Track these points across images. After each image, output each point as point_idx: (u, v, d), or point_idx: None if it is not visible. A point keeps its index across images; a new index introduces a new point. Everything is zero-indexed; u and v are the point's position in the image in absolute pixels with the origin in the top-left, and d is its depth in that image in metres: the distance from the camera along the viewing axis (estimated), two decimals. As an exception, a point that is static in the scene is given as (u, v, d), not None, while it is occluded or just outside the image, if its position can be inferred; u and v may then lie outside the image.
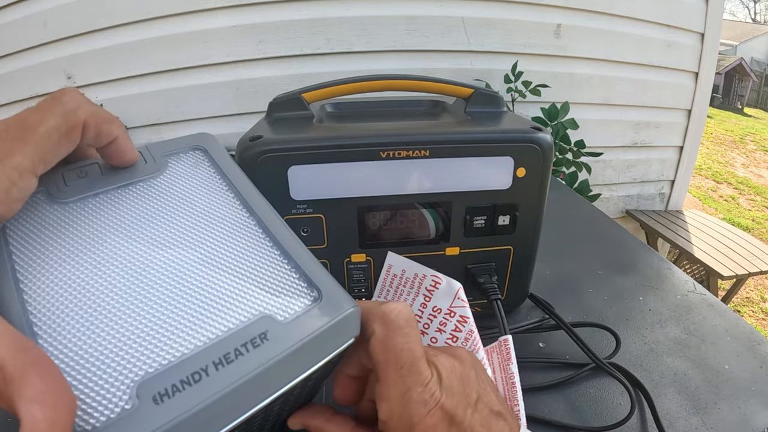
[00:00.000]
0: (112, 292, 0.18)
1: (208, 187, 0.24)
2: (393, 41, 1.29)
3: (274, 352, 0.17)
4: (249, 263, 0.21)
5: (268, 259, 0.21)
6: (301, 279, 0.21)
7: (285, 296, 0.20)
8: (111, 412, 0.14)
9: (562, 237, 0.60)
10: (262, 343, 0.17)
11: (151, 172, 0.23)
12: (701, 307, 0.47)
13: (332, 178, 0.35)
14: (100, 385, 0.15)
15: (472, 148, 0.35)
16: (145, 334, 0.17)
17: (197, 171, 0.24)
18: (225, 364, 0.16)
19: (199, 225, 0.22)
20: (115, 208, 0.21)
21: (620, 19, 1.44)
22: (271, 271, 0.21)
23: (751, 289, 2.71)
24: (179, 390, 0.15)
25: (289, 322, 0.18)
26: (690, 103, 1.63)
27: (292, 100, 0.40)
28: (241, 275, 0.20)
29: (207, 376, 0.16)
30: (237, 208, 0.23)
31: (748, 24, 15.18)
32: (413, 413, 0.21)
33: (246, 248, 0.21)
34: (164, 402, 0.15)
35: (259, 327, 0.18)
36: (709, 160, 5.24)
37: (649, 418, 0.34)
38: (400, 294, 0.36)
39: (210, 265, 0.20)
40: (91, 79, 1.26)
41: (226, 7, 1.19)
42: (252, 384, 0.16)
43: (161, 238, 0.20)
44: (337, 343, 0.20)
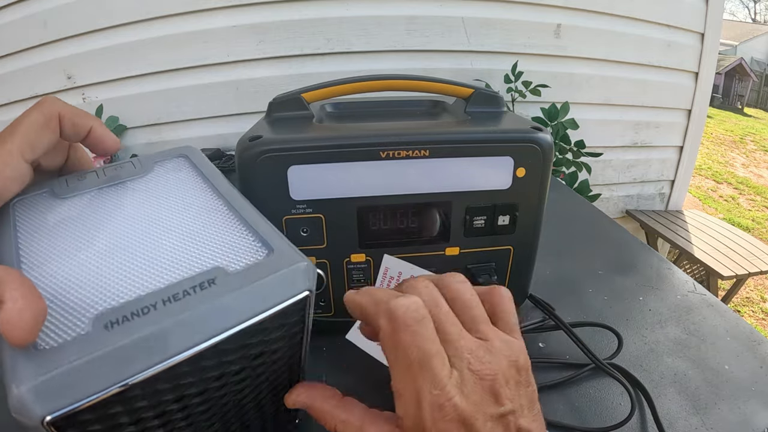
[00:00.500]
0: (90, 253, 0.21)
1: (185, 181, 0.27)
2: (393, 41, 1.29)
3: (219, 292, 0.19)
4: (210, 230, 0.23)
5: (229, 227, 0.24)
6: (256, 240, 0.23)
7: (237, 252, 0.22)
8: (68, 335, 0.17)
9: (562, 237, 0.60)
10: (210, 287, 0.19)
11: (138, 174, 0.27)
12: (701, 307, 0.47)
13: (332, 178, 0.35)
14: (63, 315, 0.18)
15: (472, 148, 0.35)
16: (110, 282, 0.19)
17: (178, 171, 0.28)
18: (172, 301, 0.18)
19: (171, 205, 0.25)
20: (104, 198, 0.25)
21: (620, 19, 1.44)
22: (229, 235, 0.23)
23: (751, 289, 2.72)
24: (128, 320, 0.17)
25: (238, 272, 0.20)
26: (690, 103, 1.63)
27: (292, 100, 0.40)
28: (201, 239, 0.22)
29: (155, 309, 0.18)
30: (208, 193, 0.26)
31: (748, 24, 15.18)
32: (425, 415, 0.20)
33: (210, 220, 0.24)
34: (114, 328, 0.17)
35: (209, 275, 0.20)
36: (709, 160, 5.24)
37: (649, 419, 0.34)
38: None
39: (175, 233, 0.23)
40: (91, 79, 1.26)
41: (226, 7, 1.19)
42: (196, 318, 0.18)
43: (138, 215, 0.24)
44: (285, 294, 0.20)
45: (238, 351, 0.21)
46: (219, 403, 0.23)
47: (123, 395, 0.17)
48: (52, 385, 0.16)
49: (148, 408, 0.19)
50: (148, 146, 1.32)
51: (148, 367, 0.17)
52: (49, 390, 0.16)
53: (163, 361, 0.17)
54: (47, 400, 0.16)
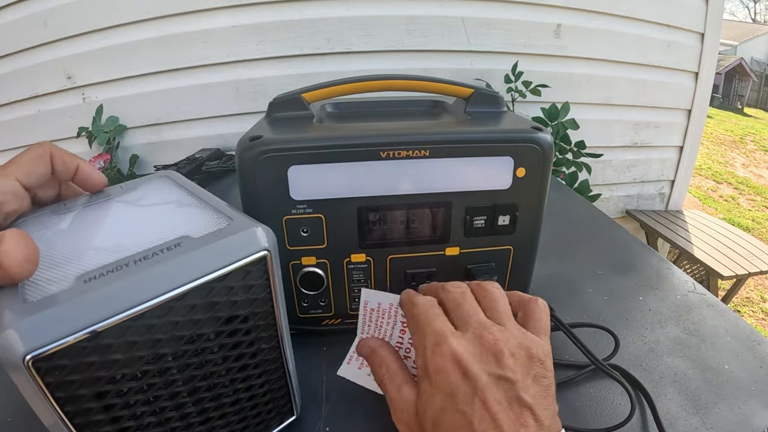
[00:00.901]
0: (78, 237, 0.25)
1: (163, 190, 0.31)
2: (393, 41, 1.29)
3: (183, 251, 0.22)
4: (181, 214, 0.27)
5: (198, 210, 0.27)
6: (219, 216, 0.26)
7: (202, 224, 0.25)
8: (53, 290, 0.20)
9: (562, 237, 0.60)
10: (175, 248, 0.22)
11: (125, 192, 0.31)
12: (701, 307, 0.47)
13: (332, 178, 0.35)
14: (51, 278, 0.21)
15: (472, 148, 0.35)
16: (92, 253, 0.23)
17: (160, 185, 0.32)
18: (142, 260, 0.21)
19: (151, 205, 0.29)
20: (94, 210, 0.28)
21: (620, 19, 1.43)
22: (196, 215, 0.26)
23: (751, 289, 2.72)
24: (104, 275, 0.20)
25: (201, 237, 0.23)
26: (690, 103, 1.63)
27: (292, 100, 0.40)
28: (171, 219, 0.26)
29: (127, 266, 0.21)
30: (185, 195, 0.30)
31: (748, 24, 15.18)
32: (427, 353, 0.25)
33: (182, 210, 0.27)
34: (91, 282, 0.20)
35: (176, 241, 0.23)
36: (709, 160, 5.24)
37: (649, 419, 0.34)
38: (380, 326, 0.36)
39: (150, 219, 0.27)
40: (91, 79, 1.26)
41: (226, 7, 1.19)
42: (162, 270, 0.21)
43: (121, 213, 0.28)
44: (244, 251, 0.23)
45: (205, 309, 0.23)
46: (201, 383, 0.24)
47: (98, 340, 0.19)
48: (33, 326, 0.18)
49: (125, 363, 0.21)
50: (148, 146, 1.32)
51: (119, 313, 0.19)
52: (30, 330, 0.18)
53: (130, 308, 0.20)
54: (29, 339, 0.18)
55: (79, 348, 0.19)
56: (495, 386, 0.23)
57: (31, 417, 0.20)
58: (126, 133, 1.31)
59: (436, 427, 0.24)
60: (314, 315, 0.40)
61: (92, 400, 0.20)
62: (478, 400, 0.23)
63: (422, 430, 0.25)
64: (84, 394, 0.20)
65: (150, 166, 1.30)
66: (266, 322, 0.26)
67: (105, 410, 0.21)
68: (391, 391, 0.28)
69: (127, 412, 0.22)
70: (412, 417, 0.26)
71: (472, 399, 0.23)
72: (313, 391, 0.35)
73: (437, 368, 0.24)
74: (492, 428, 0.22)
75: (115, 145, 1.26)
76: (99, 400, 0.20)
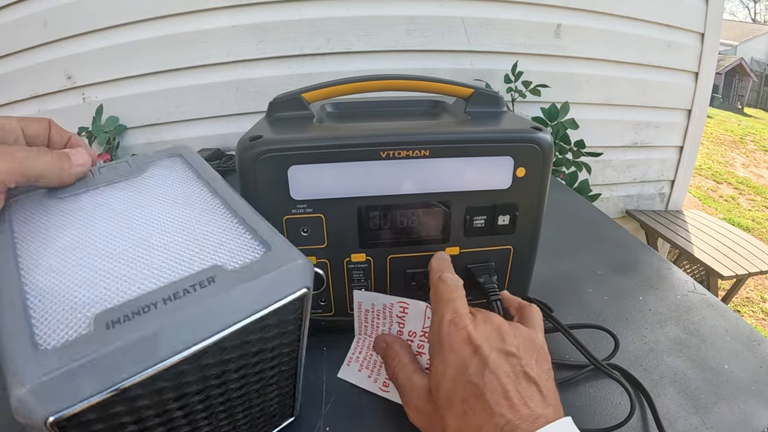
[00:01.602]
0: (88, 252, 0.21)
1: (180, 179, 0.27)
2: (393, 41, 1.29)
3: (218, 290, 0.19)
4: (207, 229, 0.23)
5: (226, 225, 0.24)
6: (254, 239, 0.23)
7: (236, 251, 0.22)
8: (70, 336, 0.17)
9: (562, 237, 0.60)
10: (209, 285, 0.19)
11: (133, 173, 0.27)
12: (701, 307, 0.47)
13: (332, 178, 0.35)
14: (64, 316, 0.18)
15: (472, 148, 0.35)
16: (109, 282, 0.19)
17: (173, 168, 0.28)
18: (173, 299, 0.19)
19: (167, 203, 0.25)
20: (100, 198, 0.25)
21: (620, 19, 1.43)
22: (226, 234, 0.23)
23: (751, 289, 2.72)
24: (129, 319, 0.18)
25: (237, 270, 0.20)
26: (690, 103, 1.63)
27: (292, 100, 0.40)
28: (199, 237, 0.23)
29: (156, 308, 0.18)
30: (203, 191, 0.26)
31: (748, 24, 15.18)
32: (443, 329, 0.27)
33: (206, 218, 0.24)
34: (115, 328, 0.17)
35: (208, 273, 0.20)
36: (709, 160, 5.24)
37: (649, 419, 0.34)
38: (377, 327, 0.37)
39: (172, 231, 0.23)
40: (91, 79, 1.26)
41: (226, 7, 1.19)
42: (196, 316, 0.18)
43: (135, 213, 0.24)
44: (283, 291, 0.21)
45: (237, 349, 0.21)
46: (218, 402, 0.23)
47: (125, 394, 0.17)
48: (54, 386, 0.16)
49: (150, 407, 0.19)
50: (148, 146, 1.32)
51: (150, 366, 0.17)
52: (52, 390, 0.16)
53: (164, 359, 0.17)
54: (50, 401, 0.16)
55: (105, 403, 0.17)
56: (504, 360, 0.25)
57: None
58: (126, 133, 1.31)
59: (449, 400, 0.25)
60: (314, 315, 0.40)
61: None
62: (489, 371, 0.25)
63: (435, 407, 0.26)
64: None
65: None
66: (290, 349, 0.25)
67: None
68: (402, 380, 0.30)
69: None
70: (423, 400, 0.28)
71: (483, 371, 0.25)
72: (312, 391, 0.35)
73: (451, 345, 0.26)
74: (502, 398, 0.24)
75: (115, 145, 1.26)
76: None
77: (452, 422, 0.25)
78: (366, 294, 0.36)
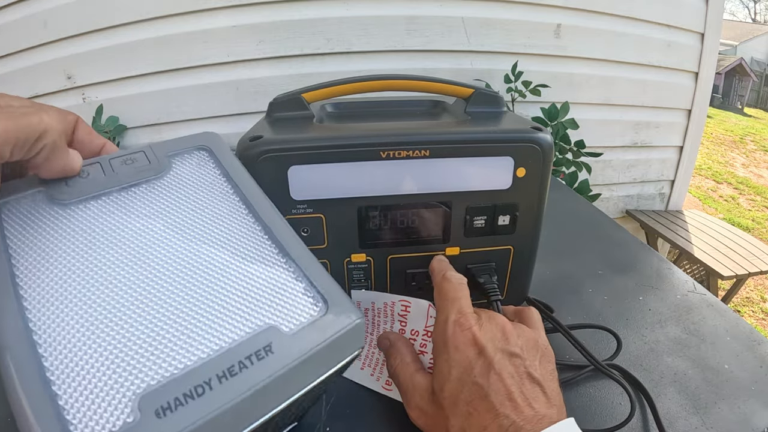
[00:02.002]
0: (114, 300, 0.17)
1: (213, 190, 0.23)
2: (393, 41, 1.29)
3: (279, 365, 0.17)
4: (254, 272, 0.20)
5: (274, 267, 0.21)
6: (307, 289, 0.20)
7: (290, 307, 0.19)
8: (113, 425, 0.14)
9: (562, 237, 0.60)
10: (267, 356, 0.17)
11: (154, 173, 0.22)
12: (701, 307, 0.47)
13: (332, 178, 0.35)
14: (101, 397, 0.14)
15: (472, 148, 0.35)
16: (147, 344, 0.16)
17: (202, 173, 0.24)
18: (229, 377, 0.16)
19: (203, 231, 0.21)
20: (117, 211, 0.20)
21: (620, 19, 1.43)
22: (276, 280, 0.20)
23: (751, 289, 2.72)
24: (182, 404, 0.15)
25: (295, 334, 0.18)
26: (690, 103, 1.63)
27: (292, 100, 0.40)
28: (246, 284, 0.19)
29: (210, 389, 0.15)
30: (243, 213, 0.23)
31: (748, 24, 15.18)
32: (448, 329, 0.27)
33: (251, 256, 0.21)
34: (167, 416, 0.14)
35: (264, 339, 0.18)
36: (709, 160, 5.24)
37: (649, 419, 0.34)
38: (378, 325, 0.36)
39: (214, 274, 0.19)
40: (91, 79, 1.26)
41: (226, 7, 1.19)
42: (256, 397, 0.16)
43: (164, 244, 0.20)
44: (343, 354, 0.20)
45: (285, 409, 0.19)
46: None
47: None
48: None
49: None
50: (148, 146, 1.32)
51: None
52: None
53: None
54: None
55: None
56: (508, 361, 0.25)
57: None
58: (126, 133, 1.31)
59: (453, 400, 0.25)
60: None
61: None
62: (493, 373, 0.25)
63: (438, 407, 0.26)
64: None
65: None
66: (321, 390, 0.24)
67: None
68: (404, 379, 0.30)
69: None
70: (425, 400, 0.28)
71: (488, 372, 0.25)
72: (313, 391, 0.35)
73: (456, 345, 0.26)
74: (506, 399, 0.24)
75: (115, 145, 1.26)
76: None
77: (456, 423, 0.25)
78: (365, 293, 0.36)
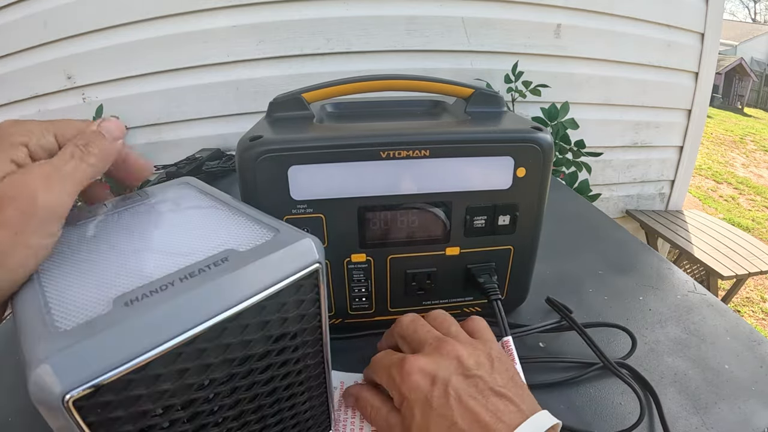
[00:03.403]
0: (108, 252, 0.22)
1: (189, 196, 0.29)
2: (393, 41, 1.29)
3: (234, 267, 0.20)
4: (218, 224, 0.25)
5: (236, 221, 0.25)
6: (262, 227, 0.24)
7: (246, 234, 0.23)
8: (88, 316, 0.17)
9: (562, 237, 0.60)
10: (223, 263, 0.20)
11: (143, 199, 0.29)
12: (701, 307, 0.47)
13: (332, 178, 0.35)
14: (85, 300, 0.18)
15: (472, 148, 0.35)
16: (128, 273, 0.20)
17: (180, 192, 0.30)
18: (189, 277, 0.19)
19: (178, 212, 0.27)
20: (116, 217, 0.26)
21: (620, 19, 1.43)
22: (236, 226, 0.24)
23: (751, 289, 2.72)
24: (147, 296, 0.18)
25: (249, 249, 0.22)
26: (690, 103, 1.63)
27: (292, 100, 0.40)
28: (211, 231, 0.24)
29: (173, 286, 0.19)
30: (211, 201, 0.28)
31: (748, 24, 15.19)
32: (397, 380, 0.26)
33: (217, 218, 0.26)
34: (134, 305, 0.18)
35: (222, 255, 0.21)
36: (709, 160, 5.24)
37: (655, 420, 0.34)
38: None
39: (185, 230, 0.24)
40: (91, 79, 1.26)
41: (226, 7, 1.19)
42: (212, 290, 0.19)
43: (150, 222, 0.26)
44: (296, 265, 0.22)
45: (257, 328, 0.21)
46: (245, 397, 0.22)
47: (145, 372, 0.17)
48: (70, 361, 0.15)
49: (173, 394, 0.19)
50: (148, 146, 1.32)
51: (168, 340, 0.17)
52: (68, 365, 0.15)
53: (182, 333, 0.18)
54: (66, 376, 0.15)
55: (125, 381, 0.16)
56: (465, 383, 0.25)
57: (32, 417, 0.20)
58: (126, 133, 1.31)
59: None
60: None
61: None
62: (452, 399, 0.24)
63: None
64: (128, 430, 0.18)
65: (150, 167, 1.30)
66: (313, 338, 0.25)
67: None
68: (379, 423, 0.29)
69: None
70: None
71: (447, 400, 0.24)
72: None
73: (409, 387, 0.25)
74: (473, 421, 0.23)
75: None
76: None
77: None
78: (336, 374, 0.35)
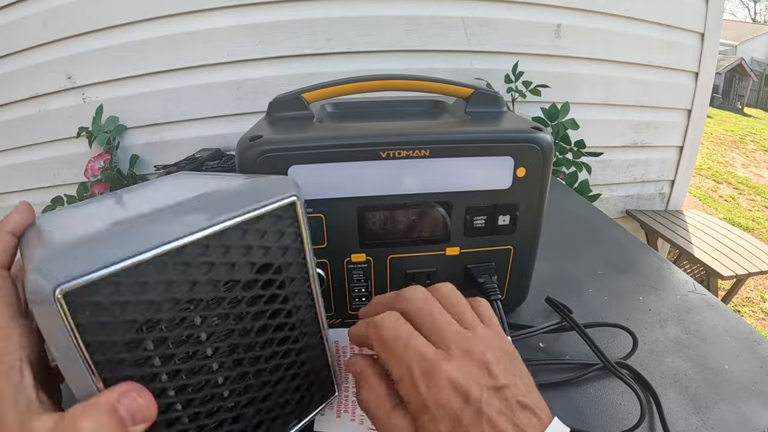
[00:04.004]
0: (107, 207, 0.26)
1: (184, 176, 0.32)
2: (393, 41, 1.29)
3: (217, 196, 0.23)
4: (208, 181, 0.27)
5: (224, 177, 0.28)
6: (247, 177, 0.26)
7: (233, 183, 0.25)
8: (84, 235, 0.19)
9: (562, 237, 0.60)
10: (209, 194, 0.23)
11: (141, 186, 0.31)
12: (701, 307, 0.47)
13: (332, 178, 0.35)
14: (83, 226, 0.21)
15: (473, 148, 0.35)
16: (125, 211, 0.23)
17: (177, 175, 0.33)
18: (174, 207, 0.21)
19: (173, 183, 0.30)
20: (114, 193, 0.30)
21: (620, 19, 1.43)
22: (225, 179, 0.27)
23: (751, 289, 2.71)
24: (137, 220, 0.20)
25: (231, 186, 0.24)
26: (690, 103, 1.63)
27: (292, 100, 0.40)
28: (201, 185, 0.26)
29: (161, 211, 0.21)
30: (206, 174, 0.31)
31: (748, 24, 15.19)
32: (420, 386, 0.22)
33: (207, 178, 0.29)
34: (121, 225, 0.20)
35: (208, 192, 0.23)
36: (709, 160, 5.24)
37: (655, 421, 0.34)
38: None
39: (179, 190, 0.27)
40: (91, 79, 1.26)
41: (226, 7, 1.19)
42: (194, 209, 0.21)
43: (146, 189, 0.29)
44: (272, 195, 0.24)
45: (241, 254, 0.23)
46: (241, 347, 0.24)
47: (134, 279, 0.18)
48: (62, 261, 0.17)
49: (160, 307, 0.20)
50: (148, 146, 1.32)
51: (154, 248, 0.19)
52: (60, 265, 0.17)
53: (167, 243, 0.19)
54: (57, 273, 0.17)
55: (114, 283, 0.18)
56: (496, 398, 0.23)
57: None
58: (126, 133, 1.31)
59: None
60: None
61: (123, 349, 0.19)
62: (485, 419, 0.22)
63: None
64: (116, 341, 0.18)
65: (150, 166, 1.30)
66: (300, 276, 0.26)
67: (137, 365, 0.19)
68: (380, 416, 0.26)
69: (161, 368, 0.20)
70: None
71: (479, 420, 0.22)
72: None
73: (437, 402, 0.22)
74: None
75: (115, 145, 1.26)
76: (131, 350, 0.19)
77: None
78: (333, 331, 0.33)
